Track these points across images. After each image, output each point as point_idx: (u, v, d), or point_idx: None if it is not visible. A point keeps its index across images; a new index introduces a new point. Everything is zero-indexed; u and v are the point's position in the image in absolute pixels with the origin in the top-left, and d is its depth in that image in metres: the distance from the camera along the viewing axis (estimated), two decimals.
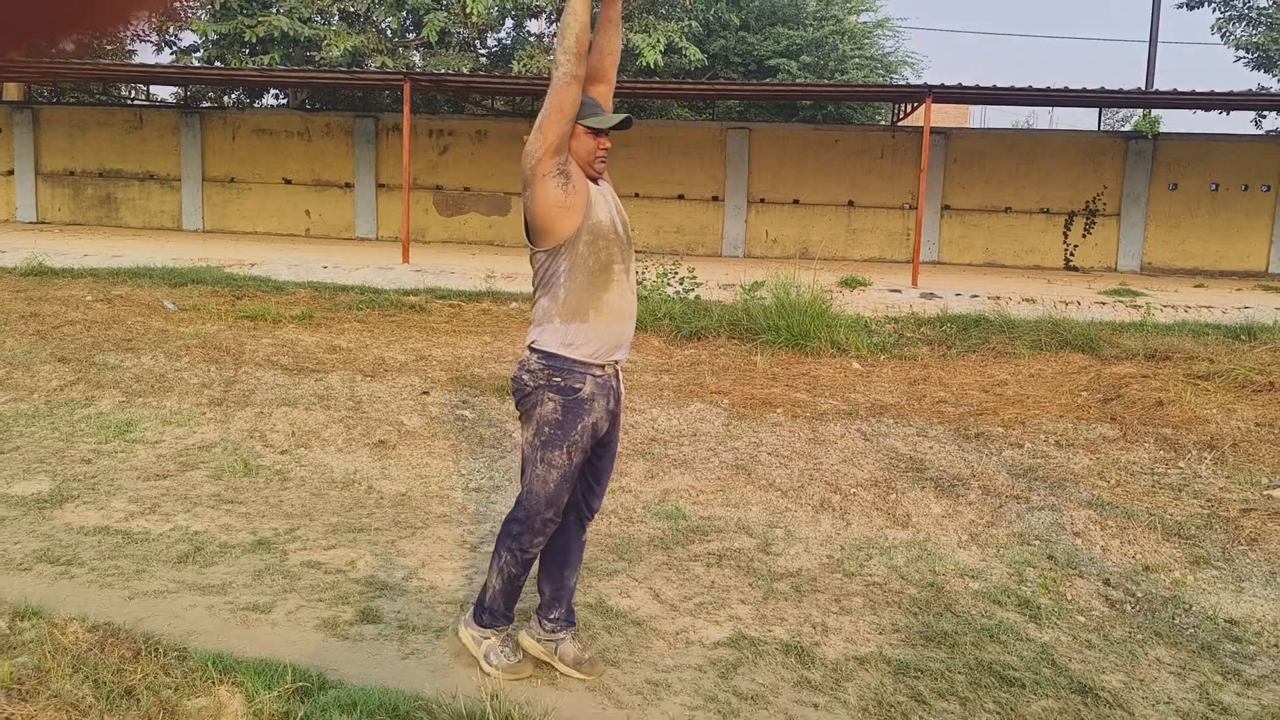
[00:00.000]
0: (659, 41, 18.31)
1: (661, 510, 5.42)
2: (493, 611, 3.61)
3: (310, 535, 4.85)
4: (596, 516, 3.90)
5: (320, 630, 3.79)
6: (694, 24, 19.88)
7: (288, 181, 20.06)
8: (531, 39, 21.58)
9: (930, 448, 6.70)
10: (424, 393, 7.65)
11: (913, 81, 23.09)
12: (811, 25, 21.53)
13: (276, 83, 20.05)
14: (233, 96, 22.23)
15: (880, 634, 4.06)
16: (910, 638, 4.03)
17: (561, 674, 3.58)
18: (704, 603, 4.29)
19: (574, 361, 3.40)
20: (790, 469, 6.08)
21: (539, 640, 3.66)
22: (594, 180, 3.46)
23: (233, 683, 3.04)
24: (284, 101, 23.13)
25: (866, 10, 23.35)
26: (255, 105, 22.81)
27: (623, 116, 3.39)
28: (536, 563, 3.66)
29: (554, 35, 21.27)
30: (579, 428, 3.42)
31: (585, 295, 3.38)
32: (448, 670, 3.52)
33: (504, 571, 3.56)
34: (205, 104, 22.08)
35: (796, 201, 18.82)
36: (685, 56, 19.10)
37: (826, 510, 5.49)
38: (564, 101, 3.23)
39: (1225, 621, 4.31)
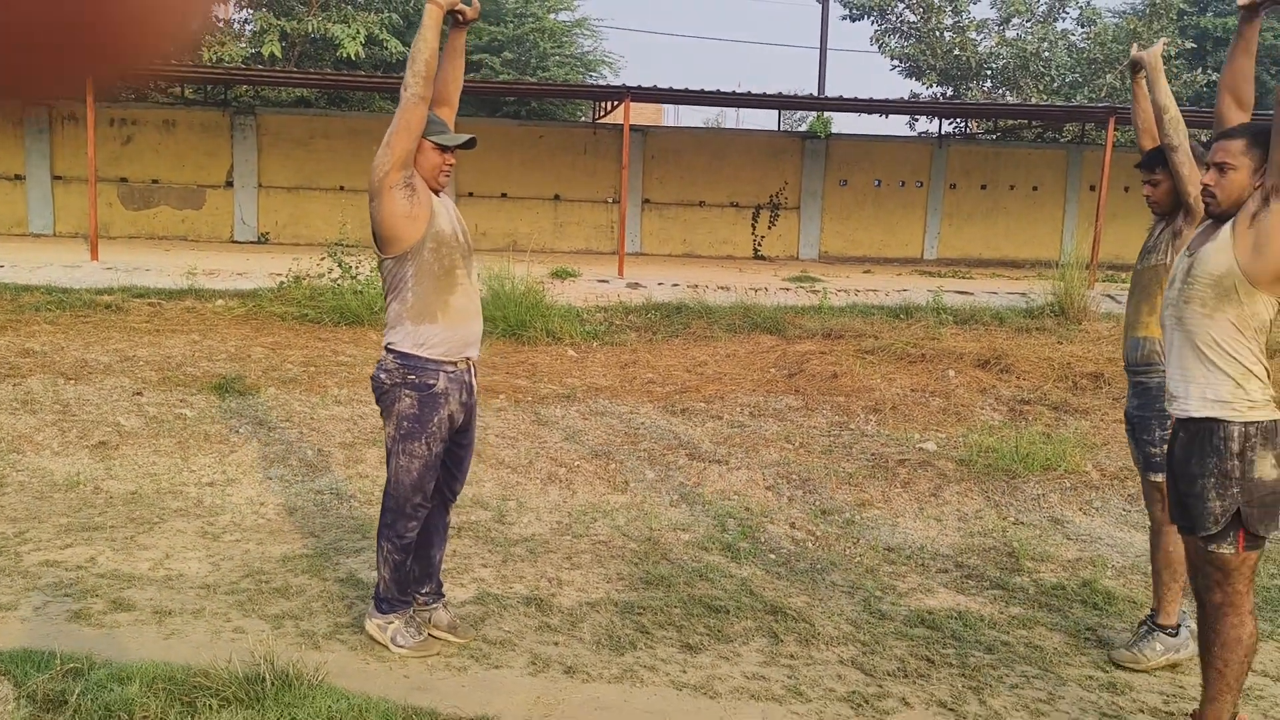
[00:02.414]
0: (359, 33, 18.16)
1: None
2: (388, 600, 3.83)
3: (42, 536, 4.77)
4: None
5: (74, 621, 3.85)
6: (394, 16, 19.82)
7: None
8: (219, 24, 20.70)
9: (643, 423, 7.37)
10: (137, 393, 7.46)
11: (610, 80, 24.16)
12: (512, 22, 22.02)
13: None
14: None
15: (608, 582, 4.61)
16: (633, 583, 4.60)
17: (438, 640, 3.89)
18: (449, 569, 4.66)
19: (427, 360, 3.68)
20: (518, 448, 6.54)
21: (414, 611, 3.94)
22: (436, 192, 3.73)
23: None
24: None
25: (565, 9, 24.12)
26: None
27: (469, 136, 3.71)
28: None
29: (244, 22, 20.51)
30: (435, 420, 3.71)
31: (432, 298, 3.66)
32: (211, 646, 3.70)
33: (389, 560, 3.80)
34: None
35: (504, 195, 19.27)
36: (386, 49, 19.03)
37: (554, 482, 5.99)
38: (411, 119, 3.50)
39: (884, 549, 5.21)
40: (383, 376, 3.74)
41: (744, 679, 3.73)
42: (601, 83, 22.70)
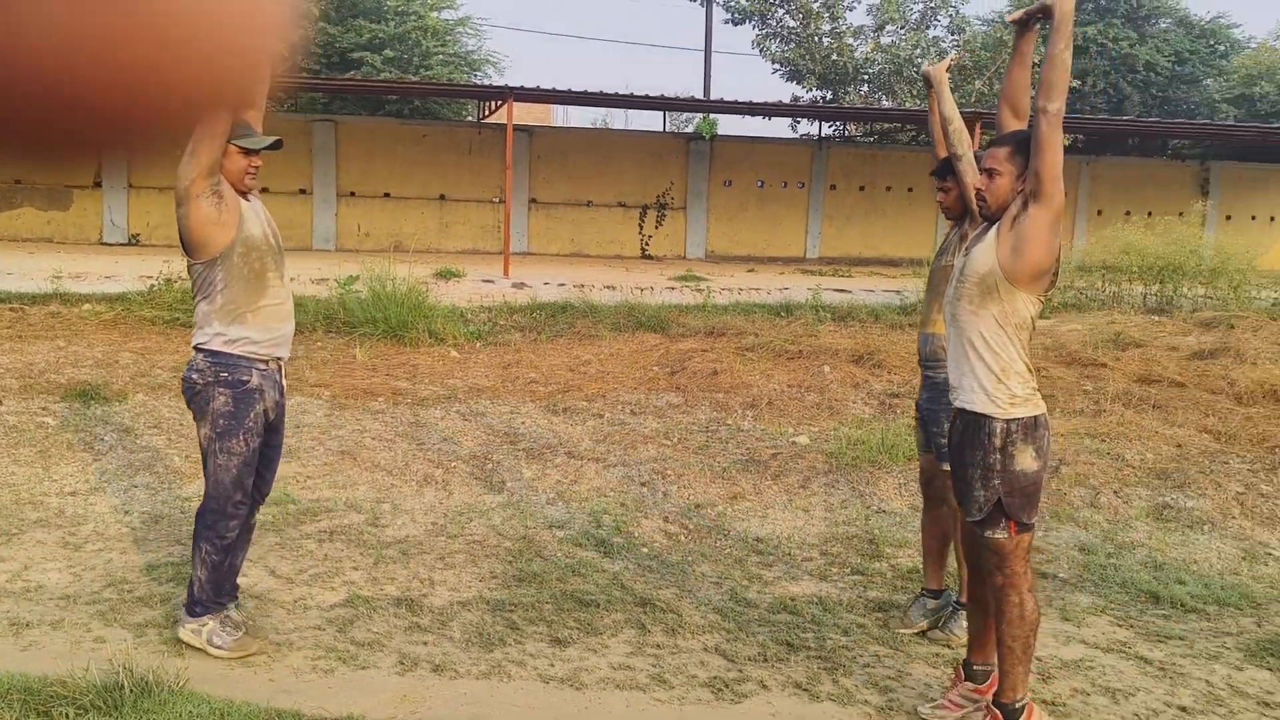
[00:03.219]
0: None
1: (270, 497, 5.64)
2: (203, 602, 3.79)
3: None
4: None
5: None
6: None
7: None
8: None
9: (523, 423, 7.42)
10: None
11: (495, 80, 24.06)
12: (394, 20, 21.76)
13: None
14: None
15: (480, 581, 4.66)
16: (506, 581, 4.66)
17: (255, 638, 3.86)
18: (318, 573, 4.66)
19: (239, 357, 3.68)
20: (394, 450, 6.53)
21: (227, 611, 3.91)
22: (244, 195, 3.72)
23: None
24: None
25: (447, 8, 23.92)
26: None
27: (275, 138, 3.70)
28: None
29: None
30: (251, 415, 3.71)
31: (242, 300, 3.66)
32: (70, 656, 3.63)
33: (207, 561, 3.77)
34: None
35: (388, 195, 19.07)
36: None
37: (430, 484, 6.01)
38: (217, 128, 3.47)
39: (753, 540, 5.38)
40: (194, 377, 3.74)
41: (610, 669, 3.83)
42: (486, 82, 22.61)
